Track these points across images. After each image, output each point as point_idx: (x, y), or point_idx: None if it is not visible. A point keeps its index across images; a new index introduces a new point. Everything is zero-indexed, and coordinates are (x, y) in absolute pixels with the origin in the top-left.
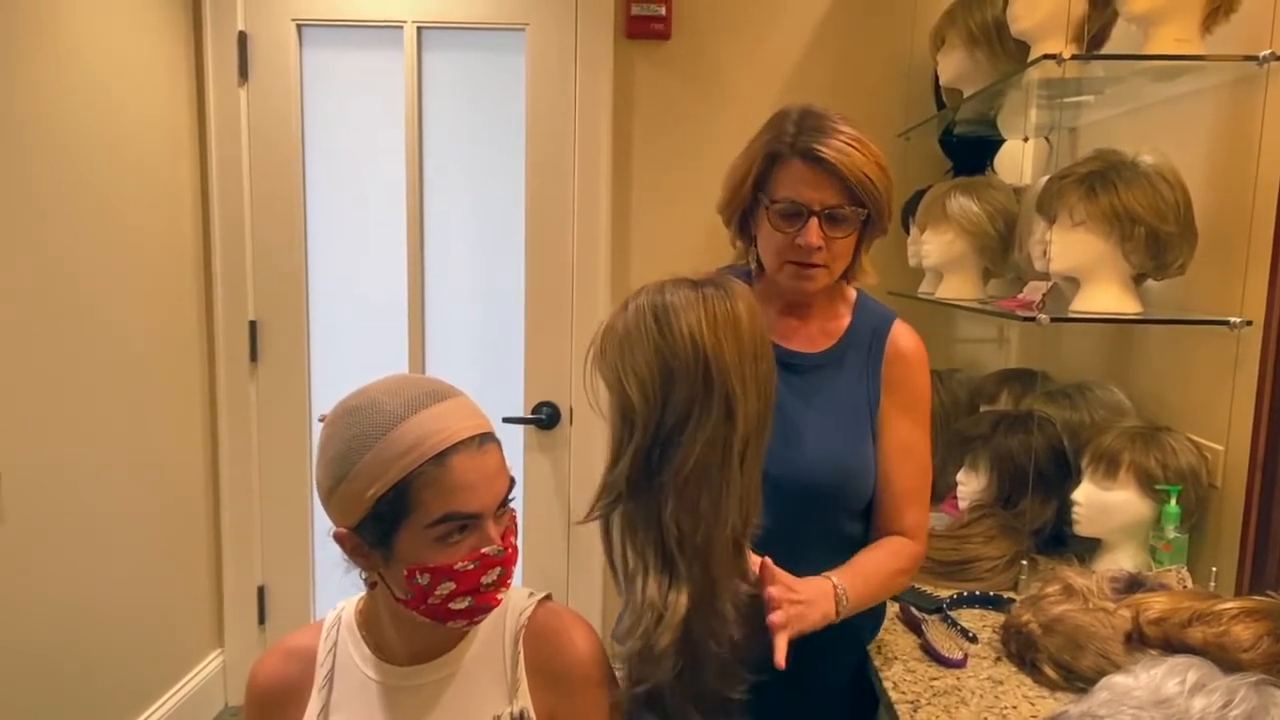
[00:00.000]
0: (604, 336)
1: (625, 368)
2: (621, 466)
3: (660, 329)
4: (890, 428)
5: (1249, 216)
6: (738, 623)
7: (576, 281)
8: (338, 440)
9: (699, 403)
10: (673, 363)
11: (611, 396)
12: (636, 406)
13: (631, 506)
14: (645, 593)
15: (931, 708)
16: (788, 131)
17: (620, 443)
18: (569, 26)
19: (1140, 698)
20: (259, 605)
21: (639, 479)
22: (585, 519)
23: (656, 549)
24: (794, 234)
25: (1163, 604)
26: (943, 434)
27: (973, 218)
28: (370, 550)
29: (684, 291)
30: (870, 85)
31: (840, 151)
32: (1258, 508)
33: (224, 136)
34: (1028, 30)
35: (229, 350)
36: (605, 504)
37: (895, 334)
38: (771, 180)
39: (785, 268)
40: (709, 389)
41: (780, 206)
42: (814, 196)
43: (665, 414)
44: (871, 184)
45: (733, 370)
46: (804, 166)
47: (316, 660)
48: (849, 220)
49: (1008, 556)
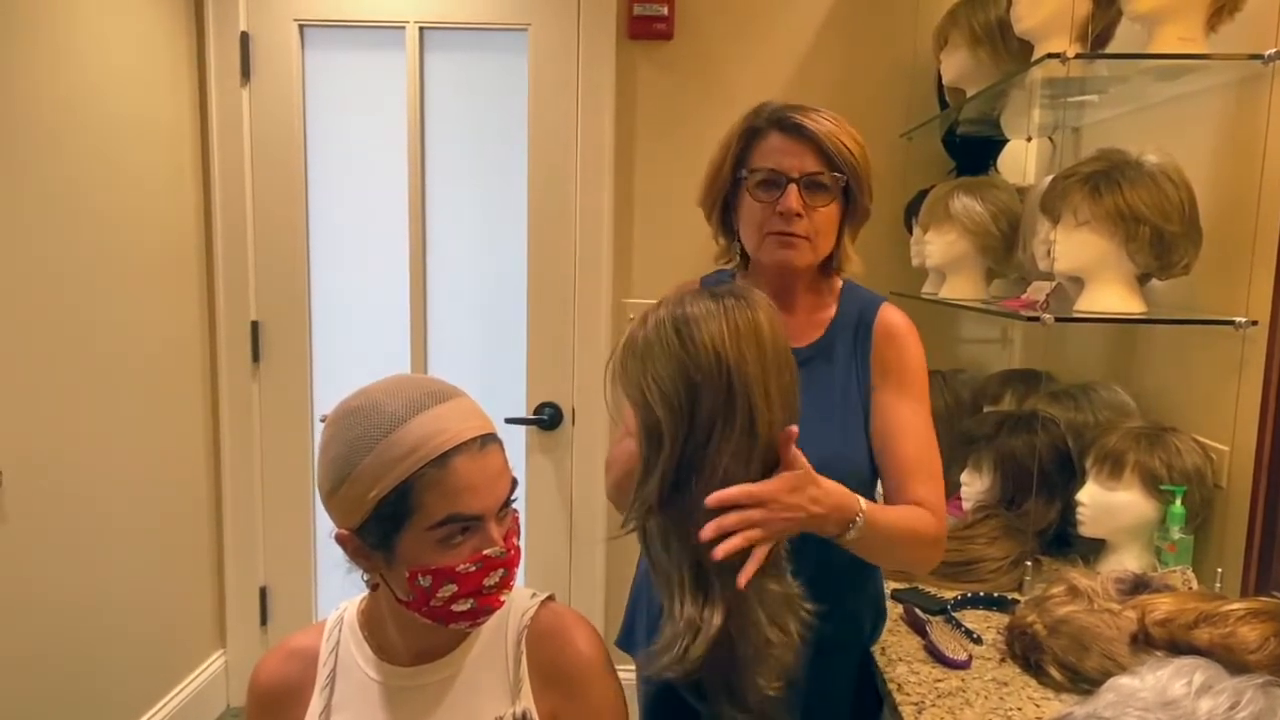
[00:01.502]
0: (624, 350)
1: (648, 382)
2: (652, 484)
3: (682, 341)
4: (887, 407)
5: (1254, 216)
6: (773, 626)
7: (579, 282)
8: (339, 442)
9: (722, 416)
10: (696, 375)
11: (636, 413)
12: (663, 422)
13: (664, 519)
14: (684, 610)
15: (936, 709)
16: (764, 111)
17: (648, 460)
18: (571, 27)
19: (1146, 699)
20: (261, 606)
21: (670, 494)
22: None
23: (691, 564)
24: (774, 202)
25: (1168, 605)
26: (947, 435)
27: (976, 217)
28: (372, 552)
29: (704, 303)
30: (873, 85)
31: (816, 122)
32: (1263, 508)
33: (226, 137)
34: (1031, 29)
35: (231, 351)
36: (639, 516)
37: (883, 315)
38: (750, 155)
39: (767, 240)
40: (731, 402)
41: (759, 175)
42: (792, 164)
43: (692, 428)
44: (849, 151)
45: (755, 383)
46: (781, 137)
47: (319, 660)
48: (828, 188)
49: (1012, 557)
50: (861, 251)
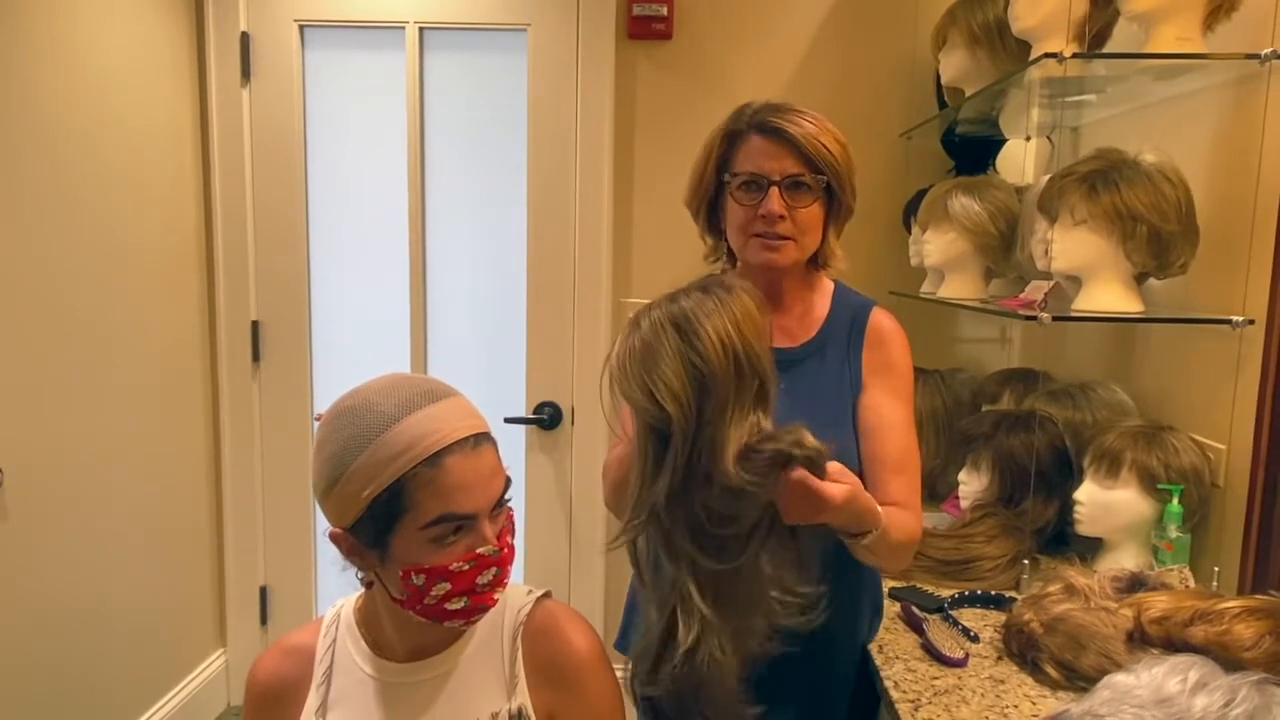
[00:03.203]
0: (626, 357)
1: (655, 382)
2: (661, 483)
3: (684, 337)
4: (874, 404)
5: (1251, 215)
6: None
7: (578, 281)
8: (333, 441)
9: (733, 400)
10: (704, 368)
11: (640, 416)
12: (674, 419)
13: (667, 519)
14: (663, 626)
15: (933, 706)
16: (745, 114)
17: (653, 460)
18: (571, 27)
19: (1142, 697)
20: (261, 605)
21: (679, 493)
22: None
23: (680, 583)
24: (756, 205)
25: (1165, 603)
26: (945, 434)
27: (974, 217)
28: (366, 550)
29: (696, 296)
30: (872, 85)
31: (796, 124)
32: (1260, 507)
33: (226, 137)
34: (1029, 29)
35: (231, 351)
36: (637, 524)
37: (875, 319)
38: (732, 158)
39: (751, 242)
40: (741, 383)
41: (741, 178)
42: (774, 166)
43: (701, 420)
44: (829, 152)
45: (763, 357)
46: (762, 140)
47: (315, 657)
48: (810, 189)
49: (1009, 556)
50: (860, 251)
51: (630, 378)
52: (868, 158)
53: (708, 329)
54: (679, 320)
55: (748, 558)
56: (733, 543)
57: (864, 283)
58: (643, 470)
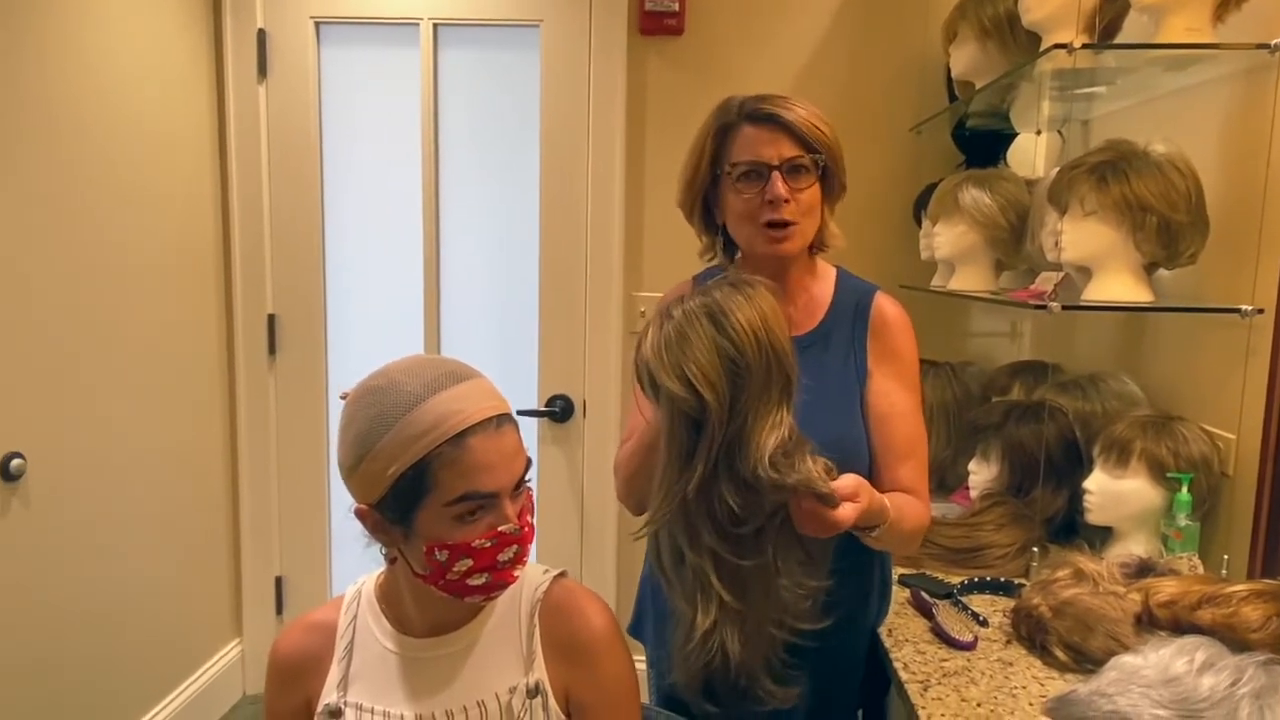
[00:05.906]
0: (661, 345)
1: (693, 371)
2: (693, 473)
3: (718, 328)
4: (879, 393)
5: (1260, 205)
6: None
7: (590, 275)
8: (359, 420)
9: (763, 392)
10: (739, 359)
11: (670, 406)
12: (710, 407)
13: (682, 521)
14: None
15: (941, 687)
16: (732, 107)
17: (684, 450)
18: (583, 23)
19: (1149, 677)
20: (277, 595)
21: (707, 483)
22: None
23: (701, 571)
24: (758, 193)
25: (1172, 587)
26: (954, 427)
27: (985, 209)
28: (390, 527)
29: (725, 289)
30: (883, 80)
31: (787, 109)
32: (1269, 495)
33: (243, 133)
34: (1039, 21)
35: (248, 343)
36: (666, 514)
37: (879, 305)
38: (727, 150)
39: (760, 233)
40: (770, 376)
41: (741, 168)
42: (771, 152)
43: (734, 410)
44: (820, 131)
45: (790, 352)
46: (755, 128)
47: (337, 633)
48: (809, 169)
49: (1019, 544)
50: (870, 245)
51: (667, 365)
52: (878, 152)
53: (740, 320)
54: (713, 311)
55: (767, 555)
56: (750, 540)
57: (874, 277)
58: (672, 460)
